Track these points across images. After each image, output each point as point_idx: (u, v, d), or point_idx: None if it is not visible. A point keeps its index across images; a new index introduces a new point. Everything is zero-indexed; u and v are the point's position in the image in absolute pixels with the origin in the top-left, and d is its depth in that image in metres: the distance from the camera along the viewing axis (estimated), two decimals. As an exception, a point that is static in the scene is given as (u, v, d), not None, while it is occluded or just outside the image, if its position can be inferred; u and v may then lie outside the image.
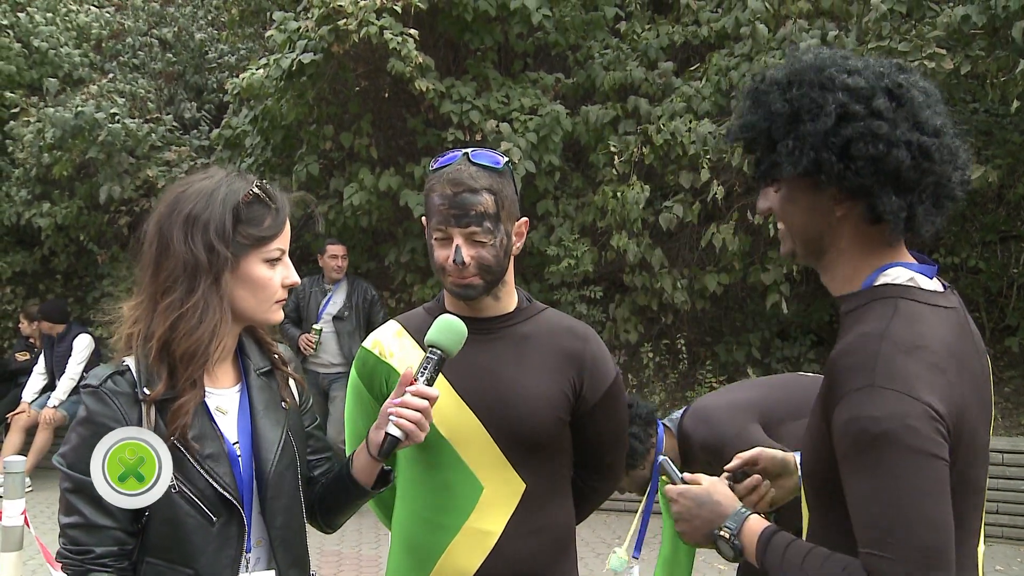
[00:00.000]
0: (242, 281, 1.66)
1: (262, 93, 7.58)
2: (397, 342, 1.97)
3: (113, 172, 8.34)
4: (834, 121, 1.36)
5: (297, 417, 1.82)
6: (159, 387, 1.60)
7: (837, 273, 1.48)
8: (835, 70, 1.40)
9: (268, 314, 1.71)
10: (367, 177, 7.37)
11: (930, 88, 1.43)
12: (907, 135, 1.35)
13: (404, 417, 1.66)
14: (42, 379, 8.25)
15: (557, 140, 7.32)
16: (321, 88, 7.48)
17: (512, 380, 1.86)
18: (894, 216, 1.37)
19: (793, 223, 1.50)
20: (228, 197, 1.64)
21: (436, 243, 1.85)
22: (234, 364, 1.76)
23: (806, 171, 1.39)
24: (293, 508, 1.74)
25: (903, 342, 1.32)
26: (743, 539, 1.50)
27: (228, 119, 8.40)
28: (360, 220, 7.60)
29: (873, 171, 1.35)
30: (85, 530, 1.59)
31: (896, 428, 1.27)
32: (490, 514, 1.86)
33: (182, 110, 9.70)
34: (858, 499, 1.31)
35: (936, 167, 1.36)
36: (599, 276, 7.95)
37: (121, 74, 9.72)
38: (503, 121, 7.25)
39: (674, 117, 7.29)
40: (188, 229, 1.62)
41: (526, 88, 7.67)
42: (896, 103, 1.37)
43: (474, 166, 1.84)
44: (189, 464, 1.61)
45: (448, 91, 7.30)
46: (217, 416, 1.68)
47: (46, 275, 9.82)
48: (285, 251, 1.71)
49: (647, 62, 7.83)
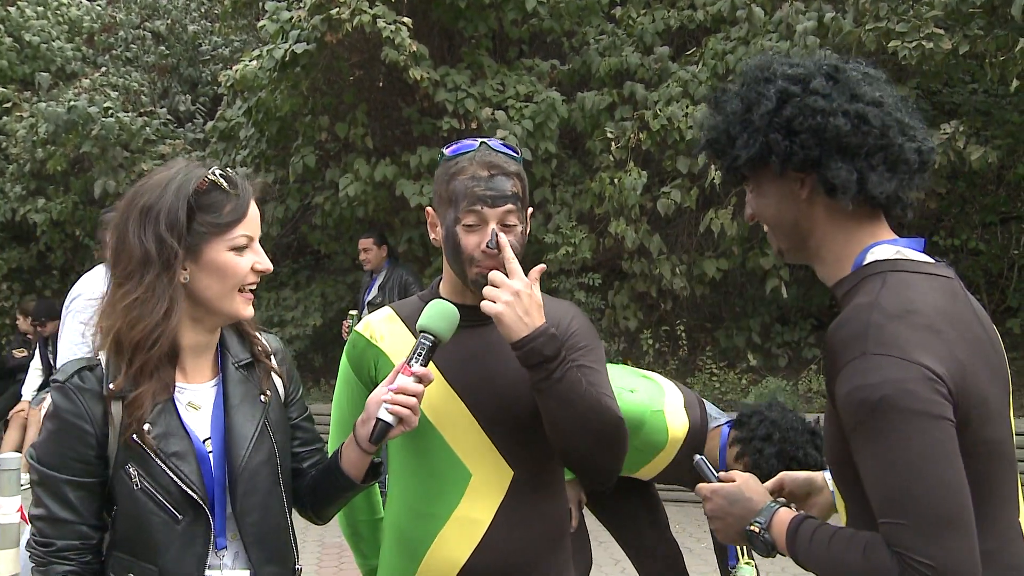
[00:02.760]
0: (207, 269, 1.64)
1: (256, 85, 7.57)
2: (388, 326, 1.94)
3: (107, 166, 8.36)
4: (775, 104, 1.45)
5: (280, 410, 1.79)
6: (119, 380, 1.60)
7: (825, 260, 1.51)
8: (777, 64, 1.50)
9: (235, 305, 1.68)
10: (363, 167, 7.37)
11: (875, 72, 1.50)
12: (844, 105, 1.41)
13: (399, 403, 1.65)
14: (39, 376, 8.23)
15: (553, 127, 7.31)
16: (315, 78, 7.49)
17: (498, 365, 1.84)
18: (843, 181, 1.41)
19: (768, 216, 1.54)
20: (183, 186, 1.63)
21: (464, 230, 1.79)
22: (213, 360, 1.75)
23: (760, 155, 1.46)
24: (270, 504, 1.72)
25: (893, 308, 1.34)
26: (773, 532, 1.49)
27: (222, 111, 8.46)
28: (356, 211, 7.61)
29: (816, 142, 1.42)
30: (49, 523, 1.61)
31: (894, 393, 1.27)
32: (479, 502, 1.84)
33: (176, 103, 9.74)
34: (868, 470, 1.32)
35: (876, 131, 1.41)
36: (597, 263, 7.94)
37: (114, 68, 9.75)
38: (498, 109, 7.24)
39: (671, 102, 7.28)
40: (142, 222, 1.62)
41: (521, 75, 7.67)
42: (833, 81, 1.45)
43: (500, 153, 1.82)
44: (152, 462, 1.60)
45: (443, 79, 7.28)
46: (188, 413, 1.67)
47: (42, 271, 9.82)
48: (254, 238, 1.68)
49: (643, 47, 7.82)
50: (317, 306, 8.27)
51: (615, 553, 5.72)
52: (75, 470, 1.60)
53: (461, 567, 1.83)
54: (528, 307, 1.69)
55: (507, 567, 1.84)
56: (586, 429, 1.70)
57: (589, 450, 1.74)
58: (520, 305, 1.68)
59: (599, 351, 1.89)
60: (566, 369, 1.68)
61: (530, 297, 1.69)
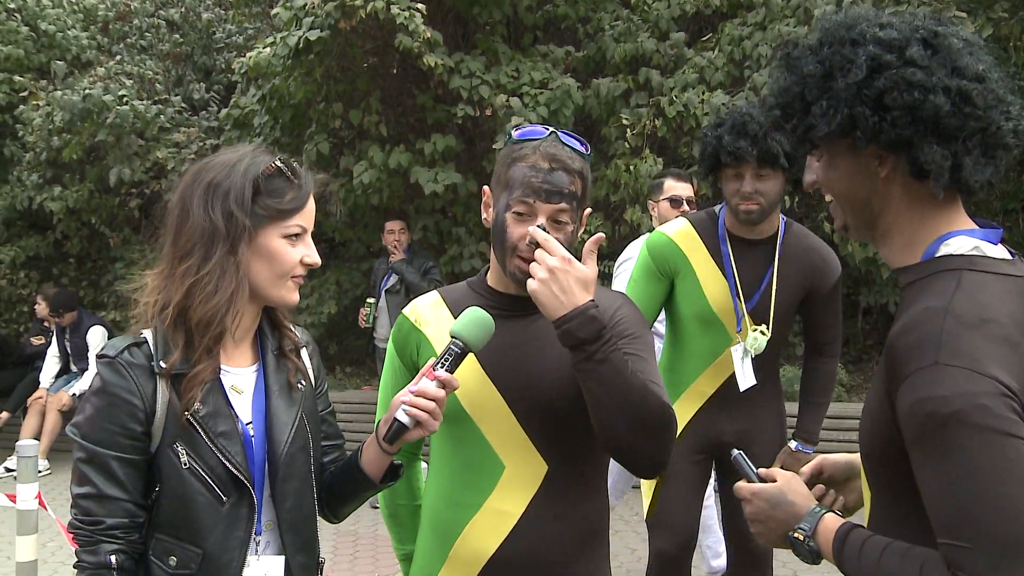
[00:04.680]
0: (259, 253, 1.66)
1: (269, 72, 7.53)
2: (434, 311, 1.95)
3: (123, 154, 8.33)
4: (865, 73, 1.32)
5: (312, 400, 1.82)
6: (174, 357, 1.61)
7: (894, 243, 1.42)
8: (866, 25, 1.36)
9: (283, 291, 1.70)
10: (377, 155, 7.34)
11: (973, 37, 1.38)
12: (945, 81, 1.30)
13: (417, 406, 1.65)
14: (56, 363, 8.34)
15: (568, 114, 7.24)
16: (329, 65, 7.43)
17: (539, 358, 1.82)
18: (937, 167, 1.31)
19: (838, 190, 1.45)
20: (250, 168, 1.65)
21: (513, 217, 1.77)
22: (253, 344, 1.77)
23: (842, 129, 1.35)
24: (304, 491, 1.74)
25: (968, 316, 1.26)
26: (818, 540, 1.43)
27: (236, 99, 8.39)
28: (371, 198, 7.57)
29: (910, 120, 1.31)
30: (96, 500, 1.60)
31: (966, 407, 1.21)
32: (511, 495, 1.83)
33: (190, 91, 9.70)
34: (932, 486, 1.25)
35: (979, 112, 1.30)
36: (613, 251, 7.61)
37: (129, 56, 9.72)
38: (513, 96, 7.19)
39: (686, 88, 7.22)
40: (208, 196, 1.64)
41: (536, 62, 7.60)
42: (932, 51, 1.32)
43: (567, 146, 1.79)
44: (201, 441, 1.61)
45: (457, 66, 7.24)
46: (232, 395, 1.69)
47: (59, 259, 9.88)
48: (307, 229, 1.70)
49: (658, 33, 7.73)
50: (332, 294, 8.25)
51: (631, 542, 5.75)
52: (123, 446, 1.60)
53: (489, 557, 1.83)
54: (566, 284, 1.64)
55: (536, 561, 1.82)
56: (629, 414, 1.65)
57: (632, 437, 1.68)
58: (556, 283, 1.64)
59: (647, 339, 1.85)
60: (609, 351, 1.63)
61: (568, 273, 1.64)
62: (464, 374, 1.71)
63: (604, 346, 1.63)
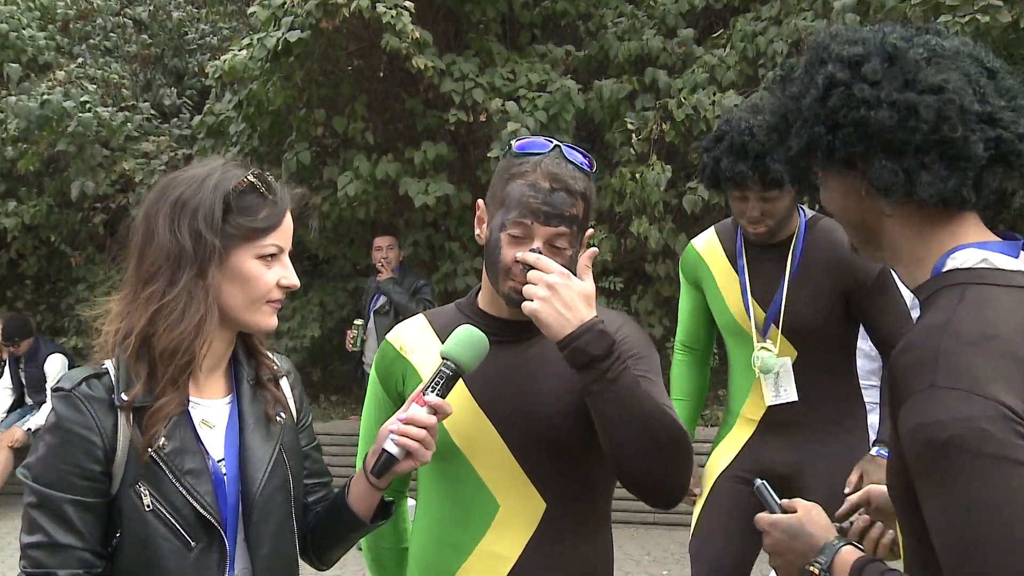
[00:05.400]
0: (230, 276, 1.66)
1: (246, 76, 7.53)
2: (420, 338, 1.94)
3: (85, 166, 8.27)
4: (821, 92, 1.40)
5: (293, 435, 1.80)
6: (136, 389, 1.59)
7: (902, 261, 1.45)
8: (838, 42, 1.42)
9: (259, 316, 1.69)
10: (363, 165, 7.34)
11: (951, 45, 1.40)
12: (893, 94, 1.34)
13: (407, 434, 1.64)
14: (9, 395, 8.19)
15: (569, 118, 7.25)
16: (310, 69, 7.43)
17: (536, 386, 1.82)
18: (886, 183, 1.36)
19: (835, 211, 1.50)
20: (221, 184, 1.65)
21: (508, 238, 1.77)
22: (226, 374, 1.75)
23: (807, 149, 1.43)
24: (282, 535, 1.72)
25: (969, 333, 1.27)
26: (835, 573, 1.46)
27: (211, 105, 8.35)
28: (357, 212, 7.55)
29: (859, 137, 1.37)
30: (48, 550, 1.55)
31: (963, 433, 1.21)
32: (506, 536, 1.82)
33: (160, 96, 9.65)
34: (934, 519, 1.26)
35: (925, 125, 1.33)
36: (619, 266, 7.86)
37: (91, 58, 9.67)
38: (509, 99, 7.18)
39: (696, 89, 7.24)
40: (175, 215, 1.63)
41: (533, 63, 7.60)
42: (888, 64, 1.37)
43: (570, 164, 1.78)
44: (167, 480, 1.59)
45: (448, 68, 7.25)
46: (202, 429, 1.67)
47: (14, 280, 9.76)
48: (284, 249, 1.71)
49: (665, 30, 7.75)
50: (315, 316, 8.24)
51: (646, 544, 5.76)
52: (80, 489, 1.57)
53: None
54: (569, 300, 1.65)
55: None
56: (647, 438, 1.66)
57: (651, 463, 1.68)
58: (558, 299, 1.64)
59: (653, 360, 1.86)
60: (621, 369, 1.64)
61: (569, 288, 1.65)
62: (454, 405, 1.71)
63: (616, 363, 1.64)
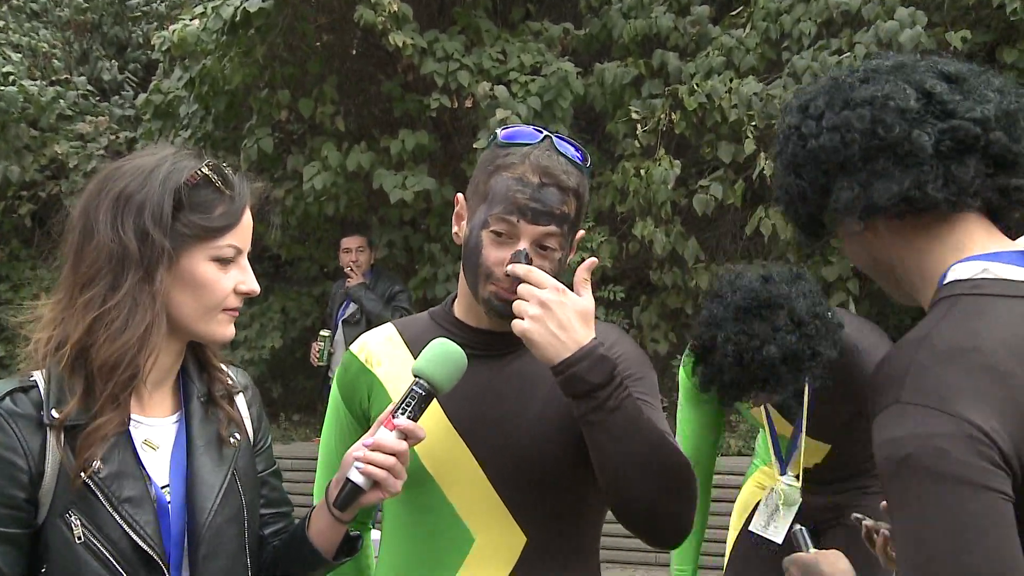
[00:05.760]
0: (181, 281, 1.64)
1: (199, 50, 7.43)
2: (388, 349, 1.94)
3: (9, 148, 8.20)
4: (781, 143, 1.54)
5: (249, 459, 1.79)
6: (70, 406, 1.56)
7: (916, 289, 1.51)
8: (796, 95, 1.57)
9: (213, 326, 1.68)
10: (332, 154, 7.25)
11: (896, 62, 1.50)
12: (832, 119, 1.46)
13: (373, 462, 1.62)
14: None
15: (565, 106, 7.18)
16: (273, 43, 7.36)
17: (520, 406, 1.82)
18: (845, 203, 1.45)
19: (855, 260, 1.60)
20: (171, 176, 1.63)
21: (491, 237, 1.77)
22: (174, 389, 1.74)
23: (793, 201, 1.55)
24: (235, 571, 1.71)
25: (946, 345, 1.31)
26: None
27: (157, 82, 8.25)
28: (325, 207, 7.47)
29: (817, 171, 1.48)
30: None
31: (920, 452, 1.24)
32: (481, 573, 1.82)
33: (99, 70, 9.60)
34: (893, 536, 1.33)
35: (858, 133, 1.43)
36: (620, 273, 7.83)
37: (16, 23, 9.64)
38: (499, 83, 7.10)
39: (711, 75, 7.11)
40: (118, 211, 1.61)
41: (527, 42, 7.51)
42: (829, 95, 1.49)
43: (562, 157, 1.78)
44: (102, 509, 1.56)
45: (431, 47, 7.15)
46: (144, 452, 1.65)
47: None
48: (242, 250, 1.69)
49: (677, 7, 7.62)
50: (276, 324, 8.21)
51: None
52: (0, 518, 1.54)
53: None
54: (565, 320, 1.64)
55: None
56: (649, 472, 1.67)
57: (653, 499, 1.69)
58: (552, 318, 1.63)
59: (651, 380, 1.89)
60: (622, 397, 1.64)
61: (565, 306, 1.64)
62: (426, 427, 1.70)
63: (616, 390, 1.64)
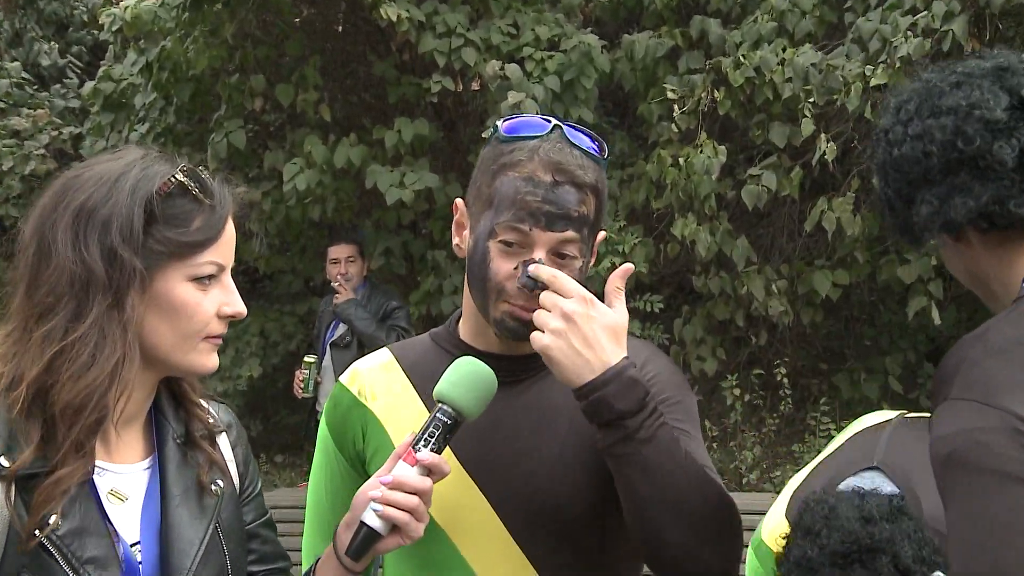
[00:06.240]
0: (156, 306, 1.62)
1: (156, 29, 7.41)
2: (384, 378, 1.93)
3: None
4: (873, 147, 1.71)
5: (234, 508, 1.77)
6: (25, 455, 1.53)
7: (998, 301, 1.58)
8: (894, 94, 1.70)
9: (194, 356, 1.66)
10: (317, 148, 7.13)
11: (991, 64, 1.58)
12: (917, 127, 1.56)
13: (393, 503, 1.58)
14: None
15: (589, 86, 7.05)
16: (244, 20, 7.30)
17: (539, 441, 1.79)
18: (924, 219, 1.55)
19: (954, 272, 1.69)
20: (141, 184, 1.59)
21: (499, 248, 1.74)
22: (145, 431, 1.73)
23: (889, 211, 1.70)
24: None
25: (1000, 340, 1.40)
26: None
27: (107, 68, 8.15)
28: (309, 211, 7.41)
29: (905, 179, 1.59)
30: None
31: (961, 447, 1.34)
32: None
33: (35, 54, 9.69)
34: (949, 539, 1.40)
35: (937, 146, 1.52)
36: (657, 280, 7.76)
37: None
38: (511, 61, 6.96)
39: (760, 44, 6.99)
40: (80, 228, 1.58)
41: (542, 12, 7.42)
42: (919, 101, 1.59)
43: (576, 149, 1.75)
44: (60, 572, 1.54)
45: (430, 20, 7.02)
46: (110, 504, 1.62)
47: None
48: (225, 267, 1.68)
49: None
50: (254, 349, 8.14)
51: None
52: None
53: None
54: (591, 335, 1.60)
55: None
56: (685, 512, 1.63)
57: (690, 544, 1.64)
58: (577, 333, 1.59)
59: (689, 406, 1.89)
60: (656, 426, 1.60)
61: (592, 319, 1.61)
62: None
63: (649, 419, 1.61)
